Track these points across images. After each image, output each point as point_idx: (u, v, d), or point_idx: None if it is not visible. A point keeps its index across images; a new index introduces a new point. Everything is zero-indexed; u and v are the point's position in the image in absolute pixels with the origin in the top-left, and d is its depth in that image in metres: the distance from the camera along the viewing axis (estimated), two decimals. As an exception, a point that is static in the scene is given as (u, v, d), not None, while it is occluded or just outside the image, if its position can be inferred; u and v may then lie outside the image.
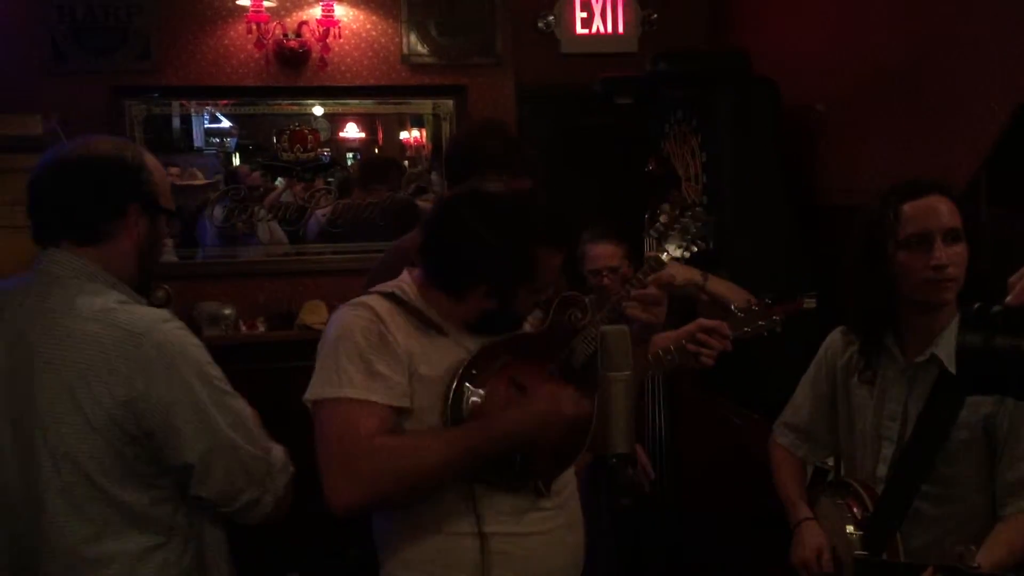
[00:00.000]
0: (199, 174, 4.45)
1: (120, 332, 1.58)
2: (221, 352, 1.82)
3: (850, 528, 1.99)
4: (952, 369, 1.89)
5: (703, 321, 2.07)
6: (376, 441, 1.64)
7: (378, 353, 1.69)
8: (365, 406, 1.65)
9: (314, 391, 1.69)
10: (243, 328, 4.31)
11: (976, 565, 1.67)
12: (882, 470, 2.02)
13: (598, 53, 4.77)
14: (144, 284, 1.76)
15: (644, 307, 1.87)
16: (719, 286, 2.73)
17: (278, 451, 1.76)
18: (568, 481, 1.88)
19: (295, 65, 4.35)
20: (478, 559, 1.72)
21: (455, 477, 1.71)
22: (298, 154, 4.46)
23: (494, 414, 1.72)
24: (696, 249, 2.04)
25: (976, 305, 1.18)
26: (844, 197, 3.65)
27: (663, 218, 2.07)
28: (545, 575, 1.80)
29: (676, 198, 2.15)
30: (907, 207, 1.94)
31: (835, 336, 2.18)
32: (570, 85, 4.55)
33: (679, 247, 2.02)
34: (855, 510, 2.00)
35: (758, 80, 3.86)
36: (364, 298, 1.78)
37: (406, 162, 4.82)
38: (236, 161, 4.61)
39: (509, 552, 1.75)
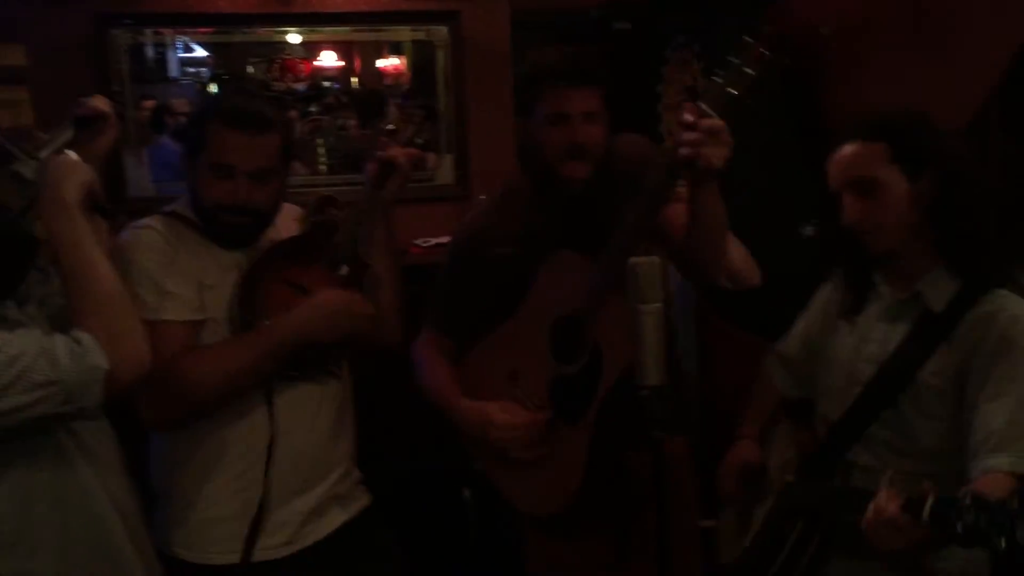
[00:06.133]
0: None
1: None
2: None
3: (792, 453, 1.95)
4: (936, 309, 1.80)
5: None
6: (179, 362, 1.75)
7: (165, 272, 1.81)
8: (160, 326, 1.75)
9: None
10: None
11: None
12: None
13: (596, -24, 4.63)
14: None
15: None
16: None
17: (63, 348, 1.48)
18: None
19: (274, -10, 4.17)
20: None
21: (261, 376, 1.86)
22: (290, 83, 4.34)
23: (283, 315, 1.85)
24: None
25: None
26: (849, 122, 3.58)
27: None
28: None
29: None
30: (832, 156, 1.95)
31: (838, 271, 2.06)
32: (567, 11, 4.43)
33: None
34: (807, 439, 1.96)
35: (763, 1, 3.75)
36: (144, 220, 1.92)
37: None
38: (213, 90, 4.45)
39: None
